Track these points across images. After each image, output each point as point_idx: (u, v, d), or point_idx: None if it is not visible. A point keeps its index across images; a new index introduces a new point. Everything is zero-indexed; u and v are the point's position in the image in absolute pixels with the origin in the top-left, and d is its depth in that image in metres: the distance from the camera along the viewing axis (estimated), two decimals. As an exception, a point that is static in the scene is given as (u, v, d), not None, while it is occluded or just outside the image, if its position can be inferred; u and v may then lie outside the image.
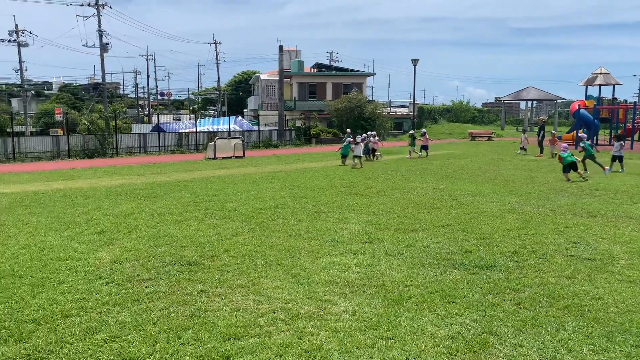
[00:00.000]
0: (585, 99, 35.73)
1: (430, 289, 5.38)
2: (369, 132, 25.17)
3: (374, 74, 59.85)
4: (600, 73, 35.70)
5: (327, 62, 66.28)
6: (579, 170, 14.44)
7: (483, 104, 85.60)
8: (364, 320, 4.57)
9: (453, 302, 5.00)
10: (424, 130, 24.77)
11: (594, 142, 31.13)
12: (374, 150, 23.42)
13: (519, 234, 7.77)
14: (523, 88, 56.46)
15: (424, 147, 24.33)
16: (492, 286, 5.46)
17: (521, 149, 26.32)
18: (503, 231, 7.98)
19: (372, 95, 73.87)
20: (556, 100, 59.90)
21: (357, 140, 20.77)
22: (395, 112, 65.04)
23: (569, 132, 36.66)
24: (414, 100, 44.95)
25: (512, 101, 66.85)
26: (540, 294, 5.23)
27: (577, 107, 32.92)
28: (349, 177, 16.06)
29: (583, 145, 16.85)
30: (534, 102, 64.95)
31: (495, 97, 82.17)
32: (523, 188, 12.85)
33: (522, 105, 70.06)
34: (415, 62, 38.41)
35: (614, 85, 36.31)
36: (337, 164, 21.21)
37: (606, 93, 37.75)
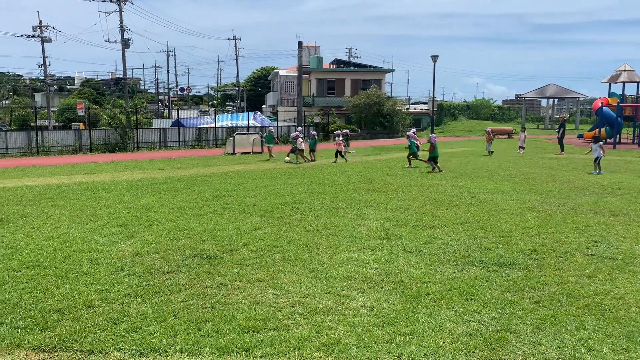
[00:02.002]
0: (609, 97, 35.11)
1: (448, 285, 5.38)
2: (336, 132, 23.35)
3: (393, 70, 59.48)
4: (624, 70, 35.02)
5: (346, 58, 66.13)
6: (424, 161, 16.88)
7: (503, 101, 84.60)
8: (382, 316, 4.59)
9: (471, 300, 4.99)
10: (413, 129, 23.82)
11: (618, 140, 30.62)
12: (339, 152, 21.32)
13: (538, 232, 7.70)
14: (544, 85, 55.73)
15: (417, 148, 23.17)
16: (511, 284, 5.44)
17: (520, 147, 25.52)
18: (522, 229, 7.92)
19: (391, 92, 73.66)
20: (578, 97, 59.03)
21: (300, 135, 21.09)
22: (414, 109, 64.66)
23: (591, 129, 36.08)
24: (433, 97, 44.69)
25: (533, 98, 66.05)
26: (560, 292, 5.19)
27: (600, 105, 32.38)
28: (367, 173, 16.05)
29: (410, 142, 18.51)
30: (556, 100, 64.06)
31: (516, 94, 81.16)
32: (543, 186, 12.71)
33: (544, 102, 69.19)
34: (435, 58, 38.15)
35: (638, 83, 35.60)
36: (355, 160, 21.21)
37: (630, 91, 37.03)
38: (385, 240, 7.29)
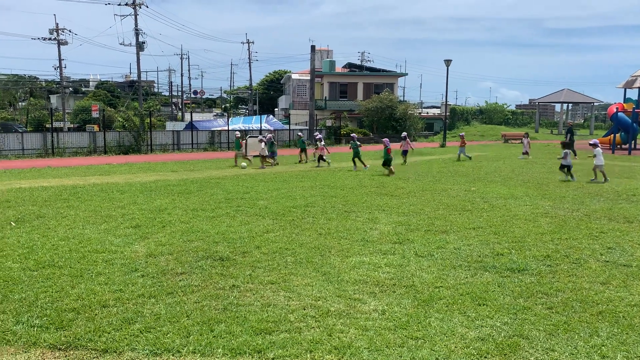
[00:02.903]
0: (624, 102, 34.75)
1: (460, 290, 5.37)
2: (316, 136, 22.60)
3: (406, 74, 59.31)
4: (640, 75, 34.64)
5: (358, 62, 66.19)
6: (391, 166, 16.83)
7: (517, 105, 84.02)
8: (394, 320, 4.59)
9: (484, 305, 4.98)
10: (404, 133, 23.44)
11: (633, 146, 30.30)
12: (320, 156, 20.87)
13: (552, 238, 7.65)
14: (559, 90, 55.29)
15: (404, 153, 21.71)
16: (524, 290, 5.41)
17: (523, 153, 25.08)
18: (536, 235, 7.88)
19: (404, 96, 73.44)
20: (593, 102, 58.44)
21: (261, 138, 20.76)
22: (427, 113, 64.48)
23: (606, 135, 35.72)
24: (446, 101, 44.49)
25: (547, 103, 65.51)
26: (574, 299, 5.16)
27: (615, 111, 32.07)
28: (379, 177, 16.04)
29: (352, 143, 19.07)
30: (570, 105, 63.50)
31: (530, 99, 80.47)
32: (557, 191, 12.62)
33: (557, 107, 68.56)
34: (448, 62, 37.99)
35: (654, 88, 35.19)
36: (367, 163, 21.17)
37: (646, 96, 36.59)
38: (397, 244, 7.29)
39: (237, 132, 25.92)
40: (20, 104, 64.49)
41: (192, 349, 4.02)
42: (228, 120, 38.91)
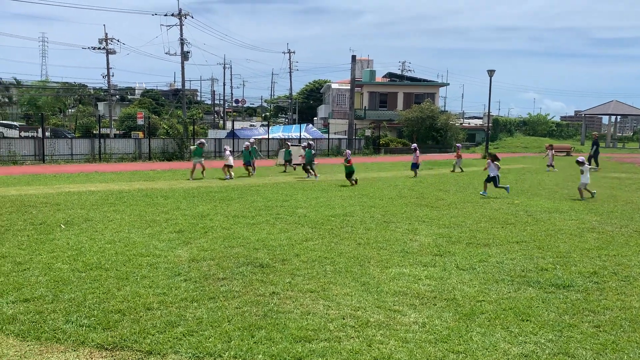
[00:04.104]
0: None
1: (503, 305, 5.26)
2: (303, 144, 21.65)
3: (447, 84, 58.96)
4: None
5: (399, 72, 65.94)
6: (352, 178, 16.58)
7: (561, 117, 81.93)
8: (434, 333, 4.54)
9: (527, 320, 4.87)
10: (414, 145, 22.42)
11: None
12: (304, 165, 19.76)
13: (599, 254, 7.42)
14: (607, 102, 53.66)
15: (414, 166, 20.61)
16: (569, 306, 5.26)
17: (548, 165, 24.41)
18: (582, 250, 7.65)
19: (445, 106, 72.67)
20: (643, 115, 56.44)
21: (229, 149, 19.90)
22: (469, 124, 63.57)
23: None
24: (488, 112, 43.77)
25: (594, 115, 63.69)
26: (622, 317, 4.98)
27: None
28: (418, 188, 15.90)
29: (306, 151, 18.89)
30: (618, 117, 61.46)
31: (575, 111, 78.45)
32: (604, 206, 12.22)
33: (605, 119, 66.52)
34: (491, 72, 37.42)
35: None
36: (407, 174, 21.04)
37: (701, 108, 35.11)
38: (438, 256, 7.20)
39: (247, 143, 22.13)
40: (69, 110, 66.90)
41: (233, 354, 4.07)
42: (268, 129, 39.35)
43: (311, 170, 19.11)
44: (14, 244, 7.47)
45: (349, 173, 16.85)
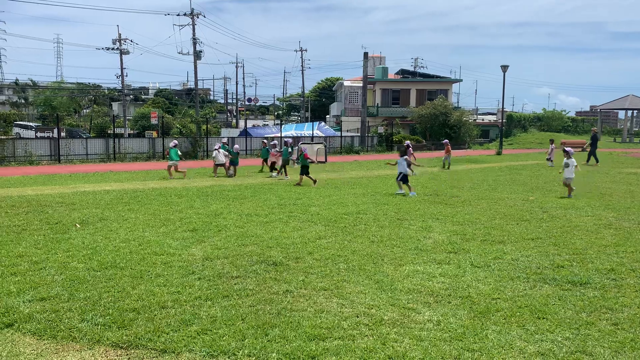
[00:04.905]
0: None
1: (519, 303, 5.20)
2: (272, 142, 20.87)
3: (461, 80, 58.42)
4: None
5: (411, 69, 65.63)
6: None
7: (577, 112, 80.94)
8: (449, 331, 4.50)
9: (543, 318, 4.81)
10: (407, 142, 21.91)
11: None
12: (273, 164, 19.56)
13: (616, 251, 7.31)
14: (623, 96, 52.91)
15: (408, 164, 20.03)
16: (587, 304, 5.19)
17: (547, 160, 24.92)
18: (599, 247, 7.54)
19: (458, 102, 72.34)
20: (661, 109, 55.53)
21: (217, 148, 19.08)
22: (482, 120, 63.09)
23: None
24: (502, 108, 43.39)
25: (610, 110, 62.83)
26: (641, 315, 4.90)
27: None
28: (432, 185, 15.81)
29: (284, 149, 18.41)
30: (635, 112, 60.58)
31: (591, 106, 77.23)
32: (621, 202, 12.05)
33: (621, 114, 65.62)
34: (505, 68, 37.08)
35: None
36: (420, 170, 20.93)
37: None
38: (452, 254, 7.15)
39: (265, 140, 22.72)
40: (84, 111, 67.60)
41: (247, 352, 4.07)
42: (281, 127, 39.40)
43: (283, 170, 18.33)
44: (31, 243, 7.55)
45: (304, 167, 15.88)
